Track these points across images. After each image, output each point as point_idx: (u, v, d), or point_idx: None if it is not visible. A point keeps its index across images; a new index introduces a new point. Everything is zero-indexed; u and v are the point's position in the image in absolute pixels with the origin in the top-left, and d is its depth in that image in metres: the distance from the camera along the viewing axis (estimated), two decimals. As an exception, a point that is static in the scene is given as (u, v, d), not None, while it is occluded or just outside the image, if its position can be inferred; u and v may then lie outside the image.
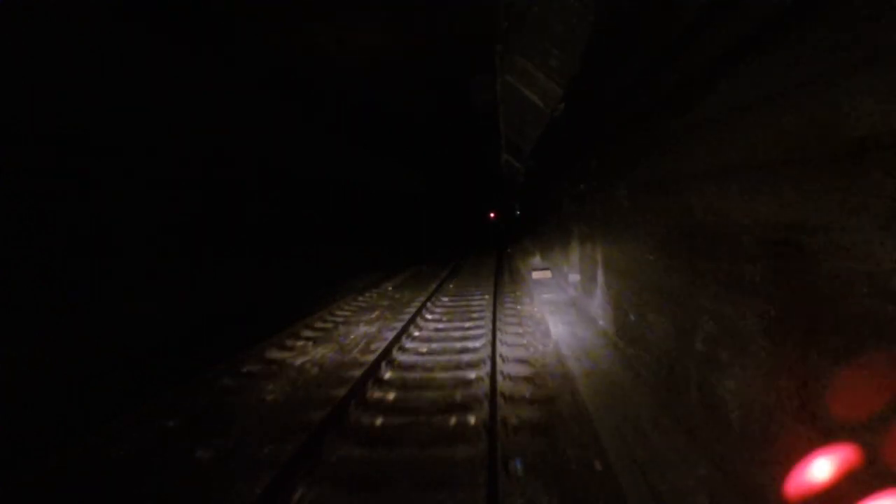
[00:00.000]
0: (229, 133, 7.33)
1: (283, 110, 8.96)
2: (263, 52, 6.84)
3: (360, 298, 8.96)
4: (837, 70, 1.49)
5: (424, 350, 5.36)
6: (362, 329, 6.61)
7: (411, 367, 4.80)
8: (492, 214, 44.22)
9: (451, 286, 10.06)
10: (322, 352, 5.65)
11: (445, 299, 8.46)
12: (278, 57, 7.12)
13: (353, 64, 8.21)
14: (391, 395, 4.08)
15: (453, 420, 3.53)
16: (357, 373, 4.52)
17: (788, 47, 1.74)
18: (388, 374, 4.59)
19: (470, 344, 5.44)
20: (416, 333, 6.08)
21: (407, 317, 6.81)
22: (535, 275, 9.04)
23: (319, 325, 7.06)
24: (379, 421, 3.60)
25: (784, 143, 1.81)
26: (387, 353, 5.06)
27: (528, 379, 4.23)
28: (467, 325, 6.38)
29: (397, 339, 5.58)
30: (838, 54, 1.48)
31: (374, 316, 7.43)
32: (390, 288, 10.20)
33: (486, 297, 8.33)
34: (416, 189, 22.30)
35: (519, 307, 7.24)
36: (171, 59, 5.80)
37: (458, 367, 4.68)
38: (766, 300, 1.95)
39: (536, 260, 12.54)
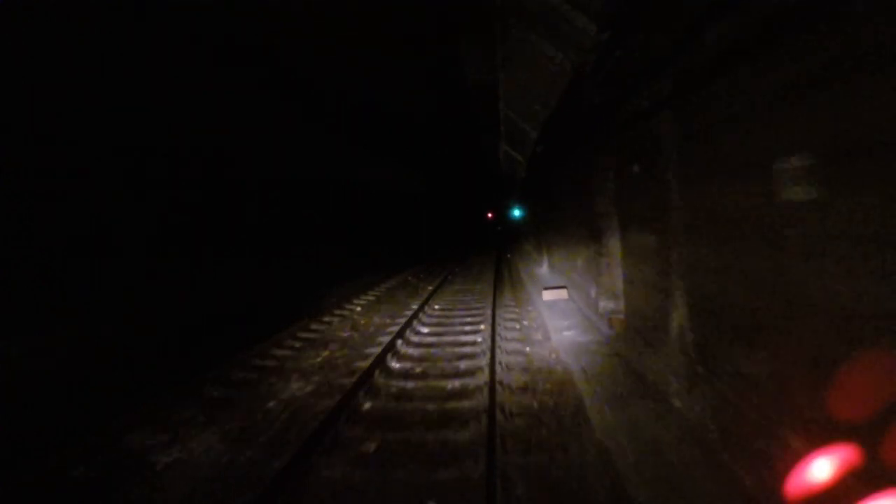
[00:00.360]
0: (229, 133, 7.25)
1: (283, 110, 8.71)
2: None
3: (314, 327, 6.72)
4: None
5: (372, 449, 3.12)
6: (292, 388, 4.38)
7: (341, 497, 2.56)
8: (489, 214, 42.50)
9: (436, 307, 7.80)
10: (210, 440, 3.42)
11: (426, 330, 6.20)
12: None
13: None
14: None
15: None
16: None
17: None
18: (285, 528, 2.36)
19: (451, 437, 3.21)
20: (368, 405, 3.83)
21: (365, 365, 4.60)
22: (547, 295, 6.80)
23: (239, 374, 4.85)
24: None
25: None
26: (306, 455, 2.85)
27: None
28: (450, 386, 4.14)
29: (334, 417, 3.38)
30: None
31: (319, 360, 5.20)
32: (359, 309, 7.94)
33: (482, 327, 6.08)
34: (415, 189, 21.82)
35: (529, 350, 5.00)
36: (171, 58, 5.59)
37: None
38: None
39: (543, 270, 10.29)
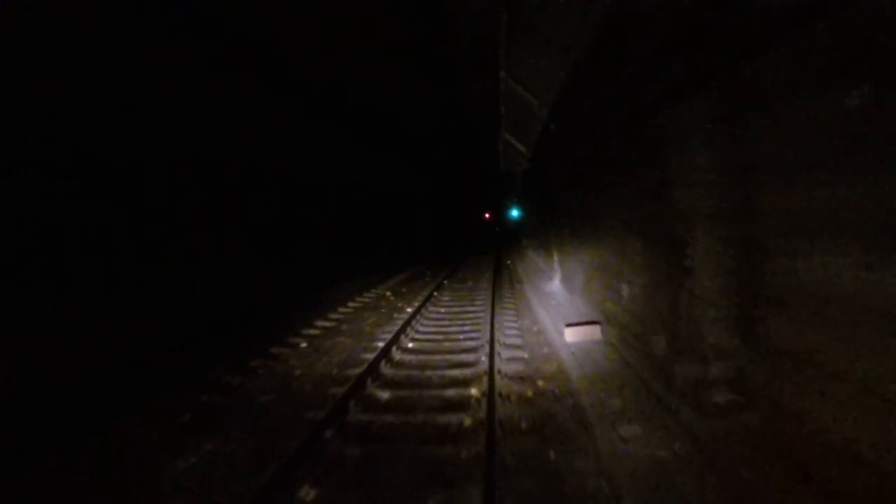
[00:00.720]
0: (229, 133, 7.06)
1: (283, 111, 8.43)
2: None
3: (228, 379, 4.48)
4: None
5: None
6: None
7: None
8: (487, 215, 40.75)
9: (411, 345, 5.55)
10: None
11: (386, 396, 3.96)
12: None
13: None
14: None
15: None
16: None
17: None
18: None
19: None
20: None
21: (261, 486, 2.43)
22: (571, 335, 4.58)
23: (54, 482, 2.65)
24: None
25: None
26: None
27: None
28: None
29: None
30: None
31: (191, 464, 2.97)
32: (304, 345, 5.69)
33: (473, 392, 3.85)
34: (415, 189, 21.63)
35: (555, 461, 2.77)
36: (172, 58, 5.28)
37: None
38: None
39: (556, 287, 8.07)
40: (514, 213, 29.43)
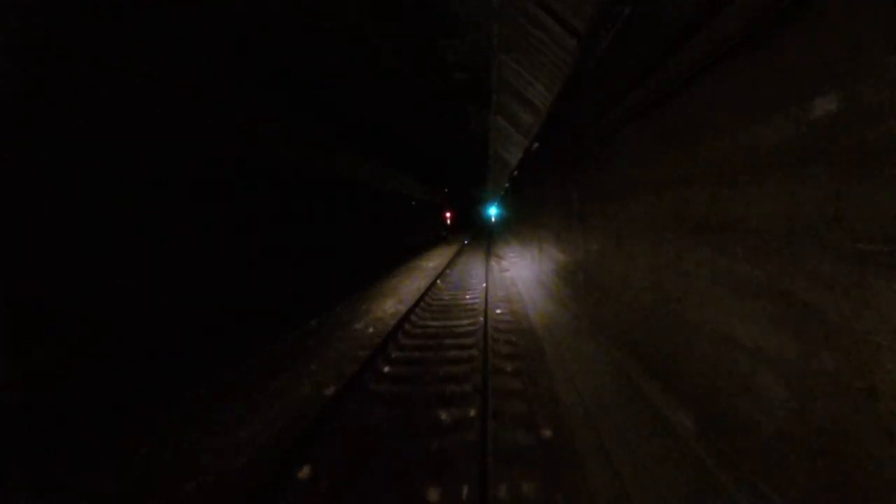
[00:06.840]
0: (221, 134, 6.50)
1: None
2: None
3: None
4: None
5: None
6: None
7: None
8: (447, 215, 35.81)
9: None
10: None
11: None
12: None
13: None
14: None
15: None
16: None
17: None
18: None
19: None
20: None
21: None
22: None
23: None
24: None
25: None
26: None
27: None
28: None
29: None
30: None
31: None
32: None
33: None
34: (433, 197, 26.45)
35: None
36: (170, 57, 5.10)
37: None
38: None
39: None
40: (493, 211, 35.92)
